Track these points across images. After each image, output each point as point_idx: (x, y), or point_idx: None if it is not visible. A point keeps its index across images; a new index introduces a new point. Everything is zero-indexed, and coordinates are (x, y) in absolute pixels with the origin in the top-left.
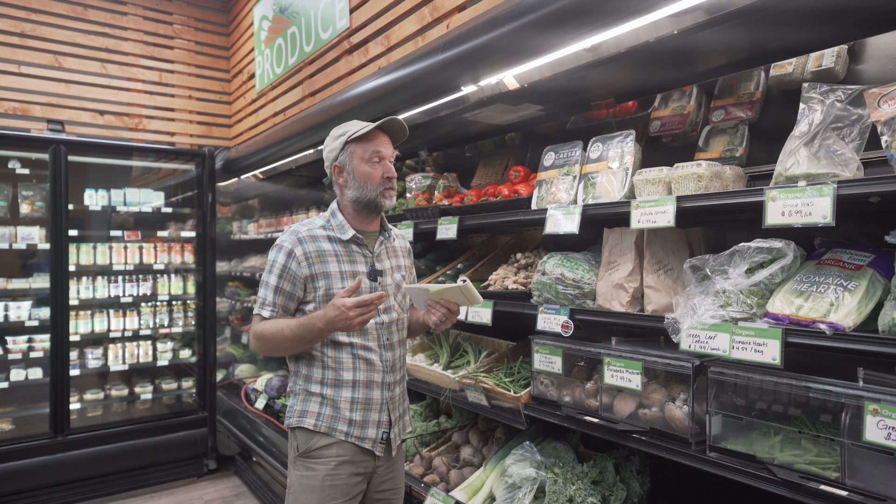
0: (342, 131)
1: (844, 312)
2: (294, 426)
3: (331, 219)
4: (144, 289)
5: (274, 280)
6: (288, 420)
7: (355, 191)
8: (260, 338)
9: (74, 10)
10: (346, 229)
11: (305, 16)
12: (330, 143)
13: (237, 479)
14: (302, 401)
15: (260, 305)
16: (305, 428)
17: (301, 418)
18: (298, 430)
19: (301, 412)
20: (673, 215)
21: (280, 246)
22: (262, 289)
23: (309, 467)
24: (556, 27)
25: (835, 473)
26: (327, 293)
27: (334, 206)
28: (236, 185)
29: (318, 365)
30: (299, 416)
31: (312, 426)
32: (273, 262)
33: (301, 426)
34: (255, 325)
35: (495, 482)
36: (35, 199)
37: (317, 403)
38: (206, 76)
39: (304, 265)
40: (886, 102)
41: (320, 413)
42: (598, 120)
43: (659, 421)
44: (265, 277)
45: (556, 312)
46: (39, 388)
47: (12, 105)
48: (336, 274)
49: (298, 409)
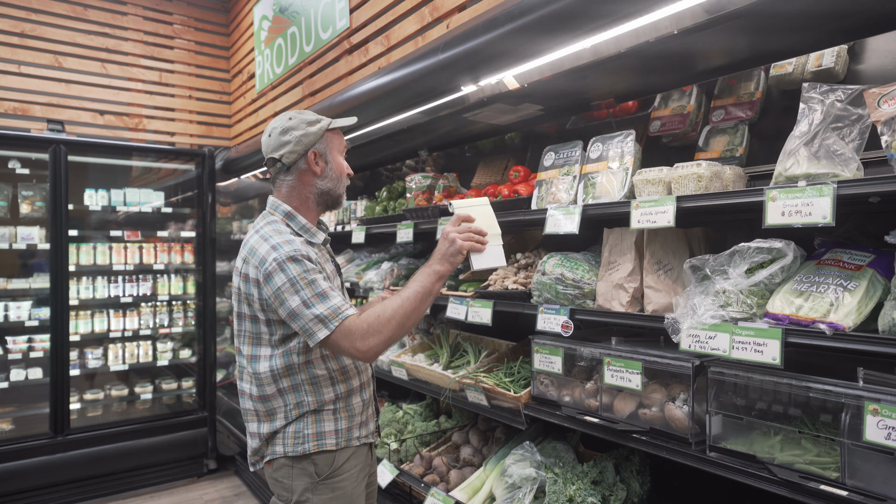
0: (310, 118)
1: (844, 312)
2: (312, 452)
3: (289, 223)
4: (144, 289)
5: (325, 284)
6: (297, 448)
7: (329, 182)
8: (383, 326)
9: (74, 10)
10: (314, 233)
11: (305, 16)
12: (299, 129)
13: (237, 479)
14: (313, 423)
15: (335, 315)
16: (327, 450)
17: (319, 441)
18: (317, 455)
19: (317, 434)
20: (673, 215)
21: (295, 257)
22: (321, 302)
23: (335, 487)
24: (556, 27)
25: (835, 473)
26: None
27: (286, 208)
28: (236, 185)
29: (326, 384)
30: (317, 440)
31: (335, 445)
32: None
33: (322, 450)
34: (354, 334)
35: (495, 482)
36: (35, 199)
37: (331, 421)
38: (206, 76)
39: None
40: (886, 102)
41: (338, 430)
42: (598, 120)
43: (659, 421)
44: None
45: (556, 312)
46: (39, 388)
47: (12, 105)
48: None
49: (312, 433)
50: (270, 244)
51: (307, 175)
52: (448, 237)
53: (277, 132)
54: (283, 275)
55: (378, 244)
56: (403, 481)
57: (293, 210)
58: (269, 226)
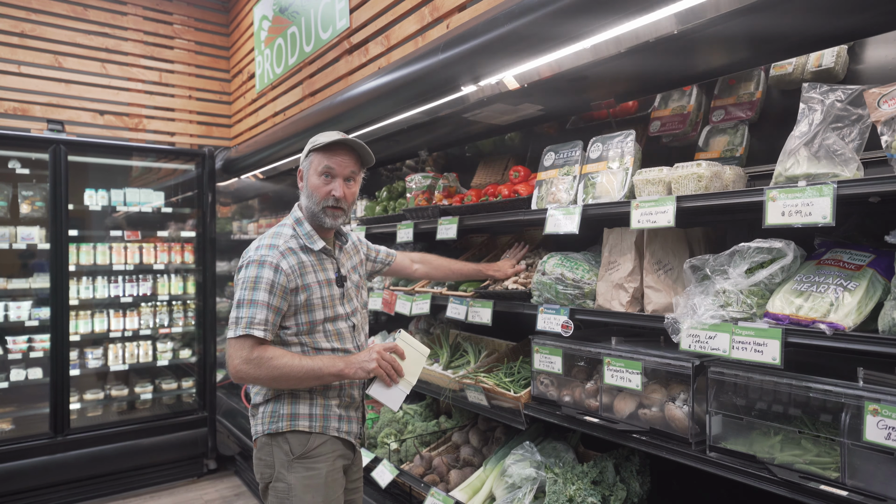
0: (314, 138)
1: (844, 312)
2: (285, 430)
3: (296, 227)
4: (144, 289)
5: (264, 296)
6: (272, 426)
7: (305, 199)
8: (264, 366)
9: (74, 10)
10: (314, 239)
11: (305, 16)
12: (305, 148)
13: (237, 479)
14: (289, 404)
15: (247, 325)
16: (300, 431)
17: (293, 421)
18: (290, 434)
19: (291, 415)
20: (673, 215)
21: (261, 261)
22: (248, 307)
23: (310, 467)
24: (556, 27)
25: (835, 473)
26: (307, 303)
27: (299, 214)
28: (236, 185)
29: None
30: (290, 420)
31: (308, 427)
32: (257, 277)
33: (295, 430)
34: (246, 349)
35: (495, 482)
36: (35, 199)
37: (306, 405)
38: (206, 76)
39: (291, 278)
40: (886, 102)
41: (312, 414)
42: (598, 120)
43: (659, 421)
44: (249, 295)
45: (556, 312)
46: (39, 388)
47: (12, 105)
48: (314, 284)
49: (287, 413)
50: (257, 245)
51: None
52: (371, 354)
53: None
54: (245, 271)
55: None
56: (403, 481)
57: (303, 217)
58: (277, 227)
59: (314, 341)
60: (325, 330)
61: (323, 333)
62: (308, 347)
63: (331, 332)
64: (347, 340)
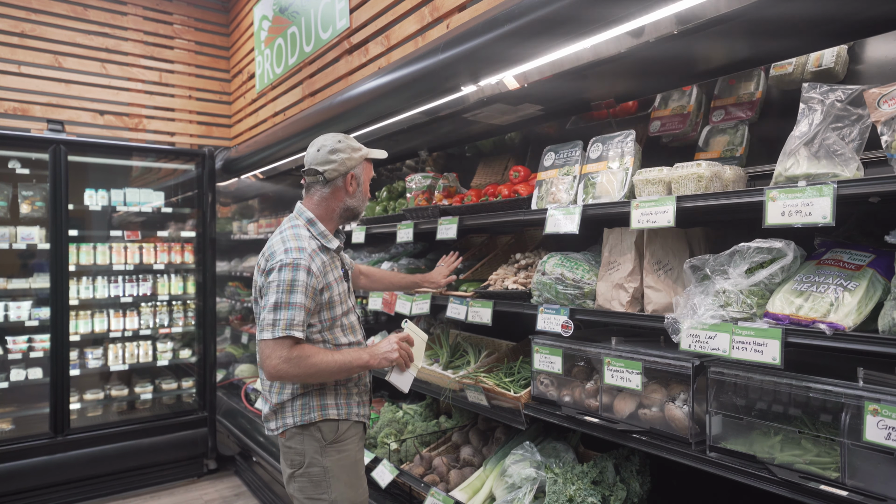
0: (354, 145)
1: (844, 312)
2: (317, 420)
3: (309, 228)
4: (144, 289)
5: (300, 299)
6: (303, 417)
7: (356, 201)
8: (302, 364)
9: (74, 10)
10: (330, 239)
11: (305, 16)
12: (345, 152)
13: (237, 479)
14: (318, 397)
15: (287, 327)
16: (330, 419)
17: (323, 412)
18: (322, 423)
19: (321, 406)
20: (673, 215)
21: (295, 264)
22: (286, 310)
23: (341, 450)
24: (556, 27)
25: (835, 473)
26: (329, 301)
27: (310, 215)
28: (236, 185)
29: None
30: (321, 410)
31: (336, 416)
32: (293, 280)
33: (326, 418)
34: (286, 349)
35: (495, 482)
36: (35, 199)
37: (332, 395)
38: (206, 76)
39: (319, 279)
40: (886, 102)
41: (338, 402)
42: (598, 120)
43: (659, 421)
44: (286, 298)
45: (556, 312)
46: (39, 388)
47: (12, 105)
48: (334, 282)
49: (317, 405)
50: (285, 247)
51: (340, 192)
52: (391, 344)
53: (327, 150)
54: (279, 274)
55: (378, 244)
56: (403, 481)
57: (315, 217)
58: (291, 229)
59: (334, 337)
60: (342, 324)
61: (340, 328)
62: (329, 344)
63: (346, 326)
64: (358, 332)
